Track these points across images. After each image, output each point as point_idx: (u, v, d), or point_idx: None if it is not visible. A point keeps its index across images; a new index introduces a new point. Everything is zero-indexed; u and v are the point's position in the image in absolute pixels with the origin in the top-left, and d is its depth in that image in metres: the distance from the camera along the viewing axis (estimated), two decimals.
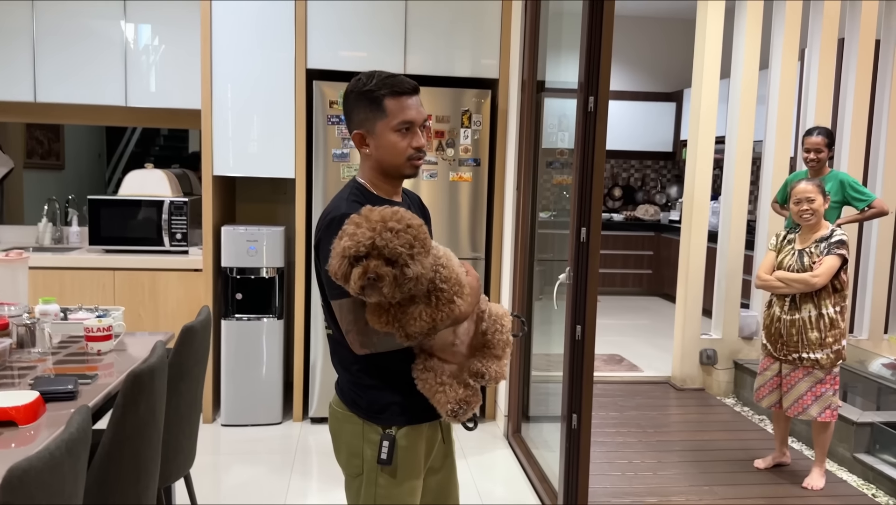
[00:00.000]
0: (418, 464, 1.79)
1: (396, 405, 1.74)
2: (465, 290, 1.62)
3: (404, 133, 1.71)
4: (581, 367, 2.81)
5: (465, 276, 1.66)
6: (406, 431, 1.75)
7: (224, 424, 4.10)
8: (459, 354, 1.73)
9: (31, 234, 4.56)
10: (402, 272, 1.47)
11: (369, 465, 1.75)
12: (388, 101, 1.69)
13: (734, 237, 5.00)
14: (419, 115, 1.73)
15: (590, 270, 2.77)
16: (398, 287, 1.48)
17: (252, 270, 4.06)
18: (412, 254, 1.48)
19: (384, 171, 1.76)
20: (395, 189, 1.81)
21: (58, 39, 4.12)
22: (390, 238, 1.47)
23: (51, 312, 2.71)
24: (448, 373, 1.72)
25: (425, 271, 1.51)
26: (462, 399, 1.69)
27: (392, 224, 1.49)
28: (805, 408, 3.47)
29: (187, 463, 2.45)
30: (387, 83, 1.70)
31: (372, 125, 1.71)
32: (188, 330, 2.27)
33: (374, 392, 1.74)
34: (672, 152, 8.55)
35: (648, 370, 5.34)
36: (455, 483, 1.97)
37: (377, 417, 1.74)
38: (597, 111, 2.70)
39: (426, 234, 1.54)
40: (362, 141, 1.74)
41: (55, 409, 1.89)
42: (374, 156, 1.74)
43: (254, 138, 4.04)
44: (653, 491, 3.45)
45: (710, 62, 4.79)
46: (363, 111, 1.71)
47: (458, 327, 1.71)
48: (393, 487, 1.75)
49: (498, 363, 1.72)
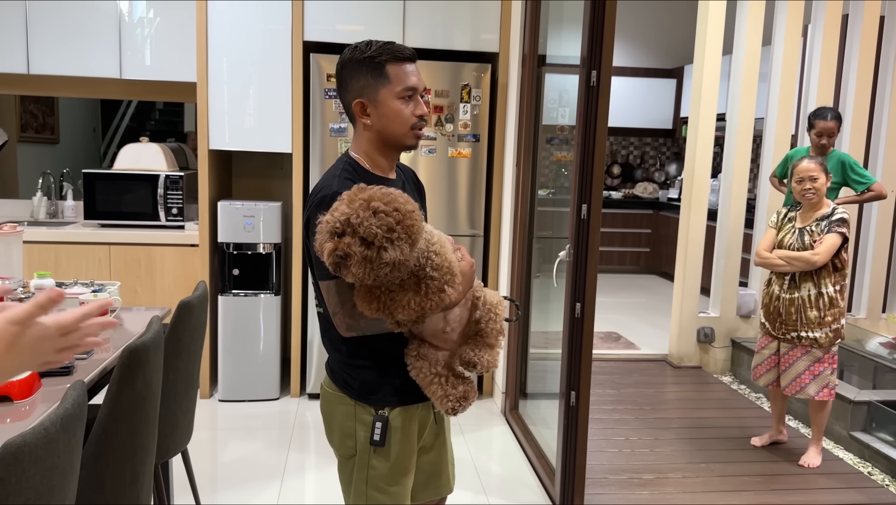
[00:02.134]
0: (411, 445, 1.78)
1: (389, 386, 1.72)
2: (456, 279, 1.57)
3: (407, 100, 1.68)
4: (580, 344, 2.80)
5: (459, 262, 1.61)
6: (399, 411, 1.73)
7: (221, 400, 4.10)
8: (450, 340, 1.69)
9: (25, 207, 4.52)
10: (378, 255, 1.42)
11: (362, 446, 1.73)
12: (391, 67, 1.66)
13: (734, 215, 4.98)
14: (421, 82, 1.71)
15: (590, 248, 2.74)
16: (372, 269, 1.43)
17: (249, 246, 4.03)
18: (391, 238, 1.42)
19: (385, 141, 1.71)
20: (391, 163, 1.77)
21: (51, 10, 4.04)
22: (366, 217, 1.42)
23: (46, 287, 2.68)
24: (442, 363, 1.69)
25: (405, 258, 1.45)
26: (461, 396, 1.67)
27: (376, 204, 1.44)
28: (803, 386, 3.47)
29: (184, 439, 2.44)
30: (388, 49, 1.67)
31: (374, 92, 1.67)
32: (185, 305, 2.24)
33: (367, 372, 1.72)
34: (672, 129, 8.50)
35: (645, 348, 5.34)
36: (446, 461, 1.96)
37: (369, 398, 1.72)
38: (599, 86, 2.66)
39: (414, 221, 1.46)
40: (362, 110, 1.69)
41: (51, 384, 1.87)
42: (376, 126, 1.69)
43: (250, 112, 3.99)
44: (649, 467, 3.46)
45: (712, 38, 4.73)
46: (363, 78, 1.67)
47: (449, 314, 1.66)
48: (386, 467, 1.74)
49: (490, 352, 1.68)
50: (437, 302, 1.54)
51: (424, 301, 1.52)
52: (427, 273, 1.52)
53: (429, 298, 1.52)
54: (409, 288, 1.52)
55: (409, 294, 1.52)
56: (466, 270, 1.64)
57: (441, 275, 1.53)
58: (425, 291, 1.52)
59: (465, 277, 1.62)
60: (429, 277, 1.52)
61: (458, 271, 1.59)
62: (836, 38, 4.88)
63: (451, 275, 1.56)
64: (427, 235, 1.54)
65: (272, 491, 3.12)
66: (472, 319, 1.70)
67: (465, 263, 1.64)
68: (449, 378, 1.68)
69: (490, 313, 1.69)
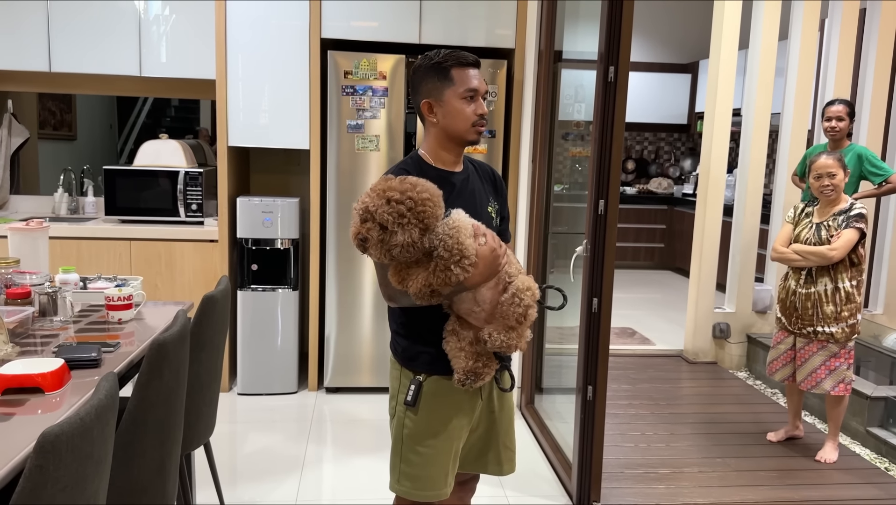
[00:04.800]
0: (445, 412, 1.92)
1: (427, 354, 1.91)
2: (466, 260, 1.70)
3: (469, 100, 1.88)
4: (597, 339, 2.82)
5: (476, 246, 1.74)
6: (434, 379, 1.92)
7: (240, 393, 4.15)
8: (480, 319, 1.82)
9: (47, 203, 4.59)
10: (389, 238, 1.64)
11: (400, 406, 1.95)
12: (455, 71, 1.88)
13: (749, 211, 4.97)
14: (482, 85, 1.91)
15: (607, 243, 2.76)
16: (385, 250, 1.66)
17: (267, 241, 4.08)
18: (401, 223, 1.64)
19: (449, 137, 1.91)
20: (456, 158, 1.96)
21: (72, 8, 4.09)
22: (381, 205, 1.64)
23: (71, 281, 2.73)
24: (469, 340, 1.83)
25: (413, 241, 1.65)
26: (470, 370, 1.81)
27: (390, 194, 1.65)
28: (819, 382, 3.47)
29: (207, 431, 2.48)
30: (453, 56, 1.89)
31: (440, 94, 1.88)
32: (209, 300, 2.28)
33: (409, 341, 1.94)
34: (687, 125, 8.47)
35: (660, 343, 5.35)
36: (497, 444, 2.07)
37: (409, 364, 1.95)
38: (617, 81, 2.67)
39: (427, 207, 1.65)
40: (429, 110, 1.90)
41: (80, 376, 1.91)
42: (441, 123, 1.90)
43: (267, 109, 4.03)
44: (665, 462, 3.48)
45: (728, 33, 4.72)
46: (431, 81, 1.89)
47: (478, 294, 1.80)
48: (417, 428, 1.92)
49: (507, 333, 1.79)
50: (442, 280, 1.70)
51: (431, 277, 1.70)
52: (438, 253, 1.69)
53: (436, 275, 1.70)
54: (421, 265, 1.72)
55: (419, 270, 1.72)
56: (486, 255, 1.76)
57: (450, 256, 1.69)
58: (433, 269, 1.70)
59: (483, 260, 1.76)
60: (439, 257, 1.70)
61: (470, 254, 1.72)
62: (853, 32, 4.85)
63: (461, 256, 1.70)
64: (447, 220, 1.72)
65: (291, 483, 3.16)
66: (499, 300, 1.80)
67: (484, 249, 1.76)
68: (469, 354, 1.83)
69: (514, 298, 1.78)
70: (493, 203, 2.04)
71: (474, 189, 1.98)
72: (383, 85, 3.99)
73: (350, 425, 3.83)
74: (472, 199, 1.94)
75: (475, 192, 1.98)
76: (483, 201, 1.99)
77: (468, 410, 1.97)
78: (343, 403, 4.10)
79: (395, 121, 4.04)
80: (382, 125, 4.02)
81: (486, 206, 2.00)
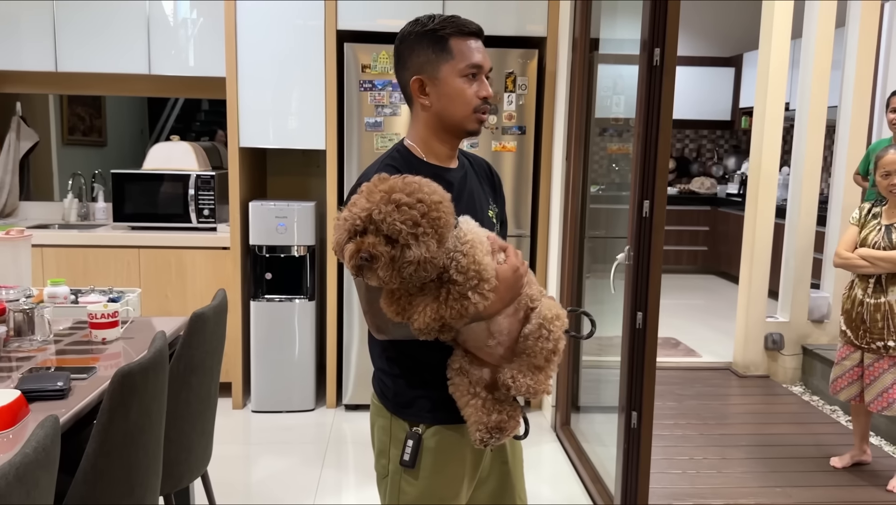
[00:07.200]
0: (451, 472, 1.54)
1: (425, 399, 1.52)
2: (486, 284, 1.32)
3: (471, 79, 1.51)
4: (642, 358, 2.49)
5: (495, 265, 1.36)
6: (436, 430, 1.52)
7: (254, 411, 3.89)
8: (496, 355, 1.43)
9: (57, 210, 4.40)
10: (401, 253, 1.24)
11: (394, 466, 1.54)
12: (455, 42, 1.49)
13: (805, 212, 4.57)
14: (486, 61, 1.53)
15: (653, 249, 2.43)
16: (396, 271, 1.25)
17: (282, 248, 3.82)
18: (416, 233, 1.24)
19: (444, 125, 1.52)
20: (450, 151, 1.57)
21: (78, 7, 3.89)
22: (390, 212, 1.24)
23: (60, 295, 2.50)
24: (483, 382, 1.44)
25: (431, 256, 1.25)
26: (494, 426, 1.41)
27: (398, 196, 1.25)
28: (891, 403, 3.11)
29: (201, 463, 2.21)
30: (452, 22, 1.50)
31: (435, 69, 1.49)
32: (198, 318, 2.01)
33: (402, 383, 1.53)
34: (730, 121, 8.04)
35: (707, 355, 4.97)
36: (513, 494, 1.66)
37: (404, 412, 1.54)
38: (663, 66, 2.34)
39: (441, 213, 1.27)
40: (421, 89, 1.51)
41: (41, 409, 1.65)
42: (435, 106, 1.51)
43: (282, 107, 3.77)
44: (718, 492, 3.13)
45: (780, 20, 4.34)
46: (424, 53, 1.50)
47: (493, 324, 1.41)
48: (417, 495, 1.52)
49: (535, 376, 1.40)
50: (458, 311, 1.31)
51: (443, 308, 1.30)
52: (450, 276, 1.30)
53: (448, 305, 1.30)
54: (429, 292, 1.32)
55: (426, 300, 1.31)
56: (507, 276, 1.38)
57: (466, 279, 1.31)
58: (445, 297, 1.31)
59: (504, 282, 1.37)
60: (451, 281, 1.31)
61: (490, 276, 1.33)
62: None
63: (479, 279, 1.32)
64: (457, 233, 1.33)
65: None
66: (522, 333, 1.43)
67: (504, 267, 1.38)
68: (486, 401, 1.43)
69: (542, 329, 1.40)
70: (493, 206, 1.65)
71: (473, 190, 1.60)
72: None
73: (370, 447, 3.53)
74: (471, 203, 1.56)
75: (474, 194, 1.59)
76: (483, 204, 1.61)
77: (475, 464, 1.59)
78: (363, 422, 3.81)
79: None
80: (404, 123, 3.74)
81: (486, 211, 1.61)
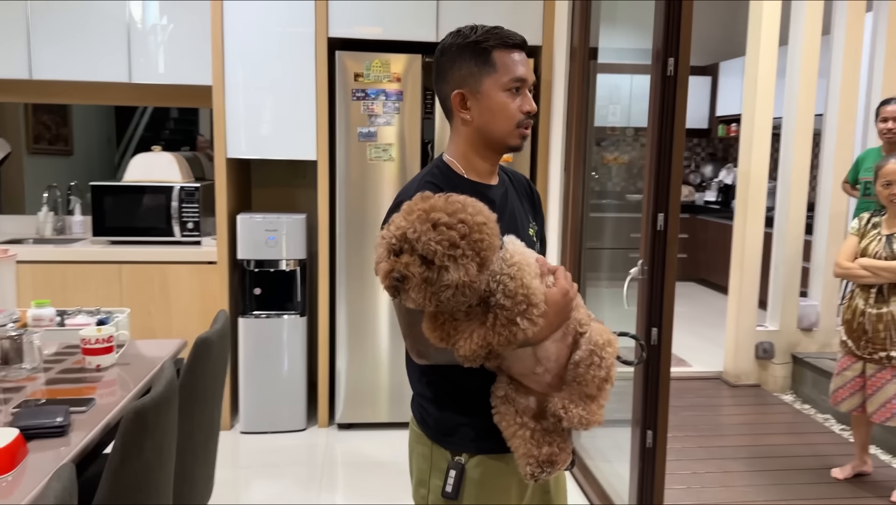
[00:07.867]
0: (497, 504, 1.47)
1: (469, 427, 1.46)
2: (535, 309, 1.26)
3: (514, 93, 1.45)
4: (657, 375, 2.43)
5: (543, 288, 1.29)
6: (479, 460, 1.46)
7: (243, 432, 3.75)
8: (544, 383, 1.37)
9: (31, 224, 4.20)
10: (438, 276, 1.18)
11: (434, 496, 1.48)
12: (498, 54, 1.44)
13: (792, 220, 4.58)
14: (530, 74, 1.47)
15: (668, 264, 2.38)
16: (432, 294, 1.20)
17: (271, 263, 3.69)
18: (454, 255, 1.18)
19: (485, 140, 1.47)
20: (491, 167, 1.52)
21: (54, 10, 3.73)
22: (425, 231, 1.19)
23: (45, 317, 2.36)
24: (531, 412, 1.37)
25: (471, 280, 1.19)
26: (545, 459, 1.34)
27: (437, 216, 1.19)
28: (894, 413, 3.08)
29: (203, 496, 2.09)
30: (495, 34, 1.44)
31: (477, 82, 1.44)
32: (203, 343, 1.89)
33: (443, 410, 1.48)
34: (707, 129, 8.09)
35: (697, 364, 4.95)
36: None
37: (446, 440, 1.48)
38: (677, 76, 2.29)
39: (485, 235, 1.21)
40: (462, 103, 1.46)
41: (41, 448, 1.53)
42: (476, 121, 1.45)
43: (270, 116, 3.66)
44: None
45: (767, 26, 4.35)
46: (467, 66, 1.44)
47: (540, 350, 1.35)
48: None
49: (588, 406, 1.33)
50: (506, 337, 1.25)
51: (490, 335, 1.24)
52: (497, 301, 1.24)
53: (496, 331, 1.24)
54: (475, 317, 1.26)
55: (472, 325, 1.26)
56: (557, 300, 1.32)
57: (514, 304, 1.24)
58: (492, 323, 1.25)
59: (554, 306, 1.31)
60: (498, 306, 1.25)
61: (539, 300, 1.27)
62: None
63: (528, 304, 1.25)
64: (503, 254, 1.27)
65: None
66: (572, 360, 1.36)
67: (554, 291, 1.32)
68: (535, 432, 1.36)
69: (593, 356, 1.34)
70: (533, 224, 1.60)
71: (514, 207, 1.55)
72: (397, 88, 3.61)
73: (365, 468, 3.43)
74: (512, 221, 1.51)
75: (515, 212, 1.54)
76: (524, 223, 1.56)
77: (520, 496, 1.52)
78: (357, 442, 3.70)
79: (411, 128, 3.65)
80: (396, 133, 3.64)
81: (527, 229, 1.56)
